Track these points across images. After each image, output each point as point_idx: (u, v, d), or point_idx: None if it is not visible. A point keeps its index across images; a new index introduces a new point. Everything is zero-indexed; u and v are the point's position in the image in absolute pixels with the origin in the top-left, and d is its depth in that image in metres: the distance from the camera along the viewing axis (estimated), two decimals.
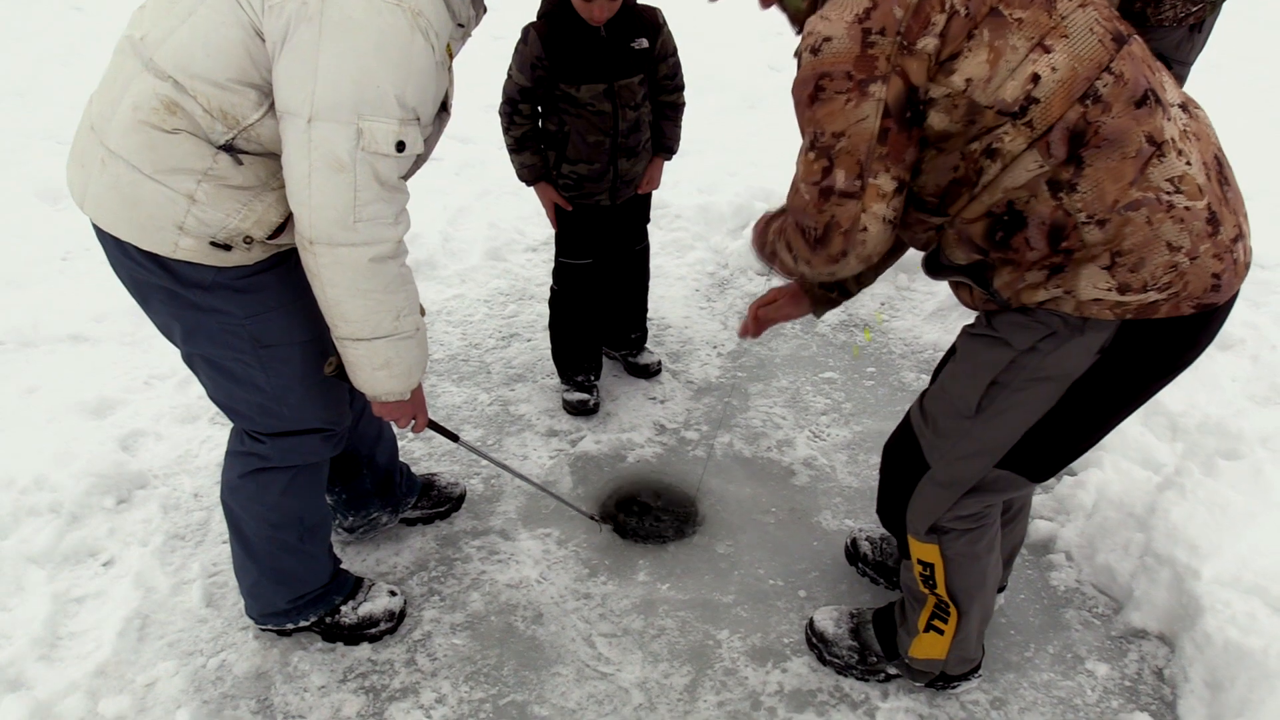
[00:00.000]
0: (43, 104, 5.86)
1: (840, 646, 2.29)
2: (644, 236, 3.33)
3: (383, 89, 1.63)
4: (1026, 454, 1.81)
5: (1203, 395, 3.06)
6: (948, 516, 1.95)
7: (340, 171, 1.65)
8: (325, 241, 1.70)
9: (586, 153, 2.89)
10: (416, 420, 2.13)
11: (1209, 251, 1.54)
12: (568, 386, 3.33)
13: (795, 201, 1.67)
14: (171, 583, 2.53)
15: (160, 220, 1.73)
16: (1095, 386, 1.68)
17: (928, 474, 1.95)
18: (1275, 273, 3.87)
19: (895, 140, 1.55)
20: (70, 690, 2.21)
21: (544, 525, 2.76)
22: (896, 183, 1.58)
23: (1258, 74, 6.50)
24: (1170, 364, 1.71)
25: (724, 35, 7.18)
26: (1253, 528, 2.34)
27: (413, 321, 1.89)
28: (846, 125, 1.54)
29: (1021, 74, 1.48)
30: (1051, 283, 1.59)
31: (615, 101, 2.82)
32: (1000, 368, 1.73)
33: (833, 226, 1.61)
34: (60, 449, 2.88)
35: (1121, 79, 1.50)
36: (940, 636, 2.11)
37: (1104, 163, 1.50)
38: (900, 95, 1.52)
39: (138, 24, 1.74)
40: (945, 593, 2.05)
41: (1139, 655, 2.35)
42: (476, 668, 2.33)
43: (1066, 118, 1.49)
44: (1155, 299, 1.55)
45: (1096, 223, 1.52)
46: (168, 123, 1.67)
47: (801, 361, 3.56)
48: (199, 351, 1.97)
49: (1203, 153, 1.57)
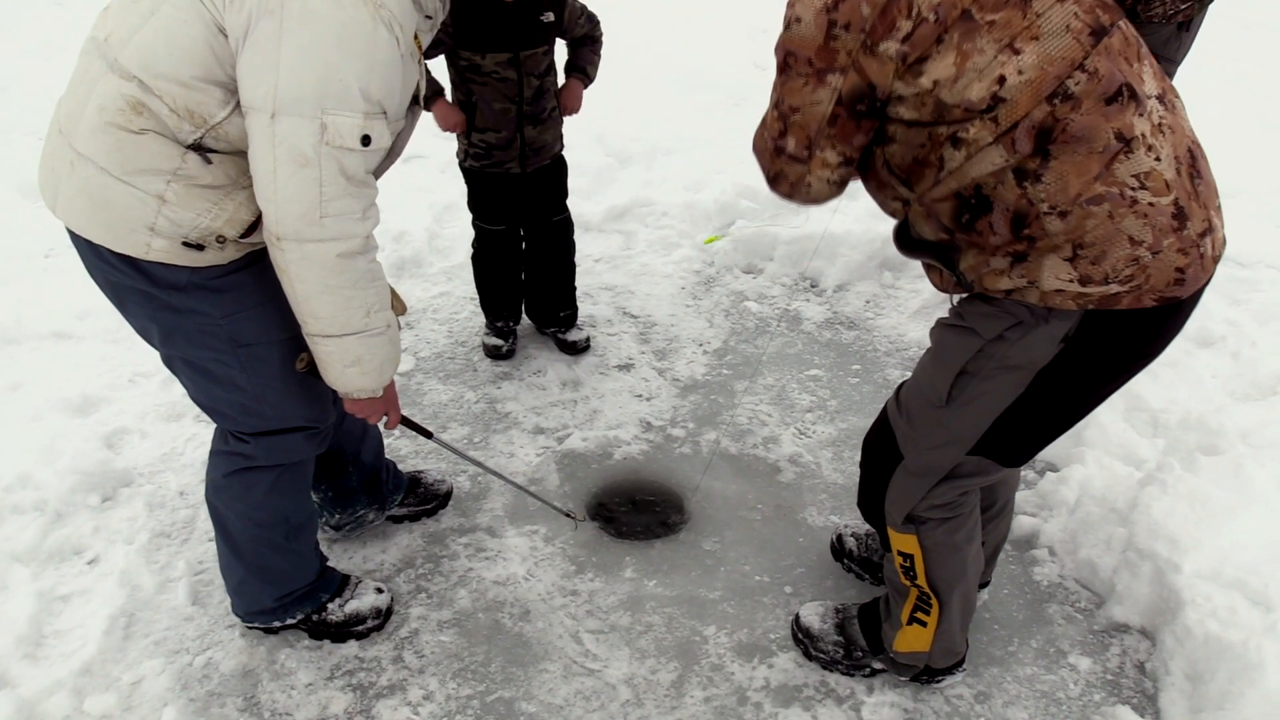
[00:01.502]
0: (24, 99, 5.82)
1: (826, 642, 2.30)
2: (562, 208, 3.42)
3: (346, 82, 1.62)
4: (996, 441, 1.84)
5: (1184, 392, 3.09)
6: (922, 505, 1.98)
7: (305, 166, 1.64)
8: (293, 237, 1.69)
9: (494, 120, 3.02)
10: (389, 416, 2.12)
11: (1173, 246, 1.56)
12: (488, 331, 3.58)
13: (757, 142, 1.80)
14: (157, 581, 2.53)
15: (131, 222, 1.71)
16: (1061, 375, 1.71)
17: (901, 464, 1.98)
18: (1256, 270, 3.91)
19: (844, 126, 1.63)
20: (56, 688, 2.20)
21: (531, 522, 2.77)
22: (842, 158, 1.68)
23: (1243, 73, 6.55)
24: (1135, 355, 1.74)
25: (710, 33, 7.19)
26: (1233, 522, 2.36)
27: (384, 318, 1.88)
28: (802, 103, 1.63)
29: (989, 76, 1.50)
30: (1015, 271, 1.62)
31: (520, 70, 2.95)
32: (969, 356, 1.77)
33: (781, 177, 1.76)
34: (44, 446, 2.87)
35: (1095, 75, 1.51)
36: (923, 629, 2.12)
37: (1070, 157, 1.52)
38: (855, 90, 1.57)
39: (102, 25, 1.73)
40: (926, 584, 2.06)
41: (1121, 649, 2.37)
42: (464, 665, 2.33)
43: (1033, 115, 1.51)
44: (1117, 291, 1.58)
45: (1058, 214, 1.54)
46: (134, 123, 1.65)
47: (787, 359, 3.58)
48: (177, 353, 1.96)
49: (1175, 146, 1.59)
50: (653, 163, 5.15)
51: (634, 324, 3.79)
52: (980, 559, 2.14)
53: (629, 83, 6.26)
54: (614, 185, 4.89)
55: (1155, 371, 3.18)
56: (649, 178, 4.98)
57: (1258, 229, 4.25)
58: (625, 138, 5.31)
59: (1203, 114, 1.75)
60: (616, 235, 4.48)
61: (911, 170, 1.66)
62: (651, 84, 6.34)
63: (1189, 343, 3.37)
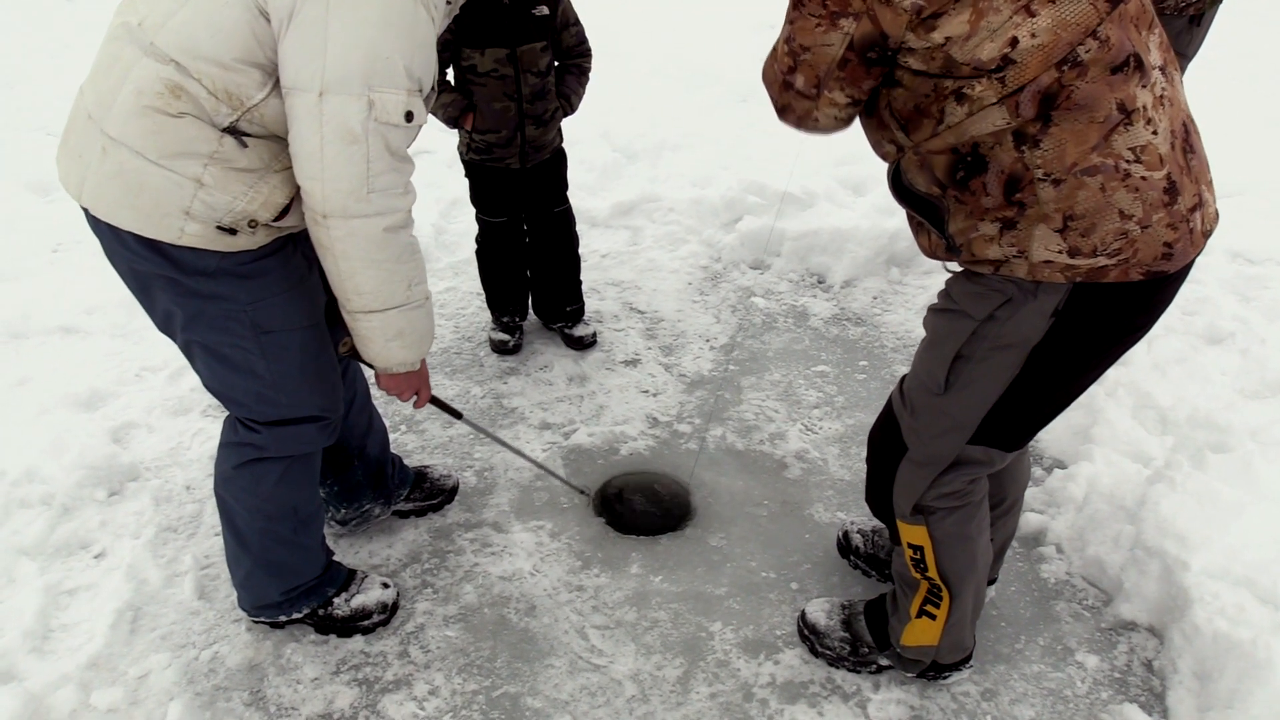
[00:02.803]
0: (32, 96, 5.84)
1: (832, 638, 2.30)
2: (563, 199, 3.42)
3: (392, 59, 1.66)
4: (997, 425, 1.85)
5: (1192, 389, 3.07)
6: (930, 495, 1.97)
7: (353, 143, 1.67)
8: (339, 214, 1.72)
9: (494, 120, 3.05)
10: (420, 394, 2.16)
11: (1162, 221, 1.56)
12: (495, 326, 3.58)
13: (766, 72, 1.78)
14: (164, 575, 2.53)
15: (166, 206, 1.73)
16: (1054, 351, 1.71)
17: (906, 455, 1.98)
18: (1266, 267, 3.89)
19: (854, 70, 1.61)
20: (62, 682, 2.21)
21: (537, 518, 2.76)
22: (850, 99, 1.67)
23: (1254, 70, 6.52)
24: (1124, 328, 1.74)
25: (716, 29, 7.18)
26: (1241, 520, 2.35)
27: (423, 290, 1.93)
28: (813, 44, 1.61)
29: (1001, 36, 1.47)
30: (1005, 239, 1.61)
31: (517, 66, 2.97)
32: (963, 340, 1.77)
33: (788, 109, 1.75)
34: (52, 441, 2.87)
35: (1106, 44, 1.49)
36: (933, 622, 2.12)
37: (1071, 125, 1.51)
38: (867, 36, 1.55)
39: (132, 10, 1.74)
40: (937, 575, 2.06)
41: (1128, 647, 2.37)
42: (469, 660, 2.33)
43: (1040, 80, 1.49)
44: (1105, 264, 1.58)
45: (1052, 181, 1.54)
46: (172, 106, 1.67)
47: (794, 355, 3.57)
48: (198, 339, 1.96)
49: (1172, 120, 1.59)
50: (659, 158, 5.14)
51: (641, 319, 3.79)
52: (989, 551, 2.13)
53: (636, 79, 6.27)
54: (621, 181, 4.89)
55: (1164, 369, 3.17)
56: (655, 173, 4.97)
57: (1267, 226, 4.23)
58: (632, 134, 5.31)
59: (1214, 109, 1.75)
60: (623, 231, 4.47)
61: (911, 118, 1.65)
62: (658, 80, 6.34)
63: (1197, 339, 3.36)
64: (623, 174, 4.98)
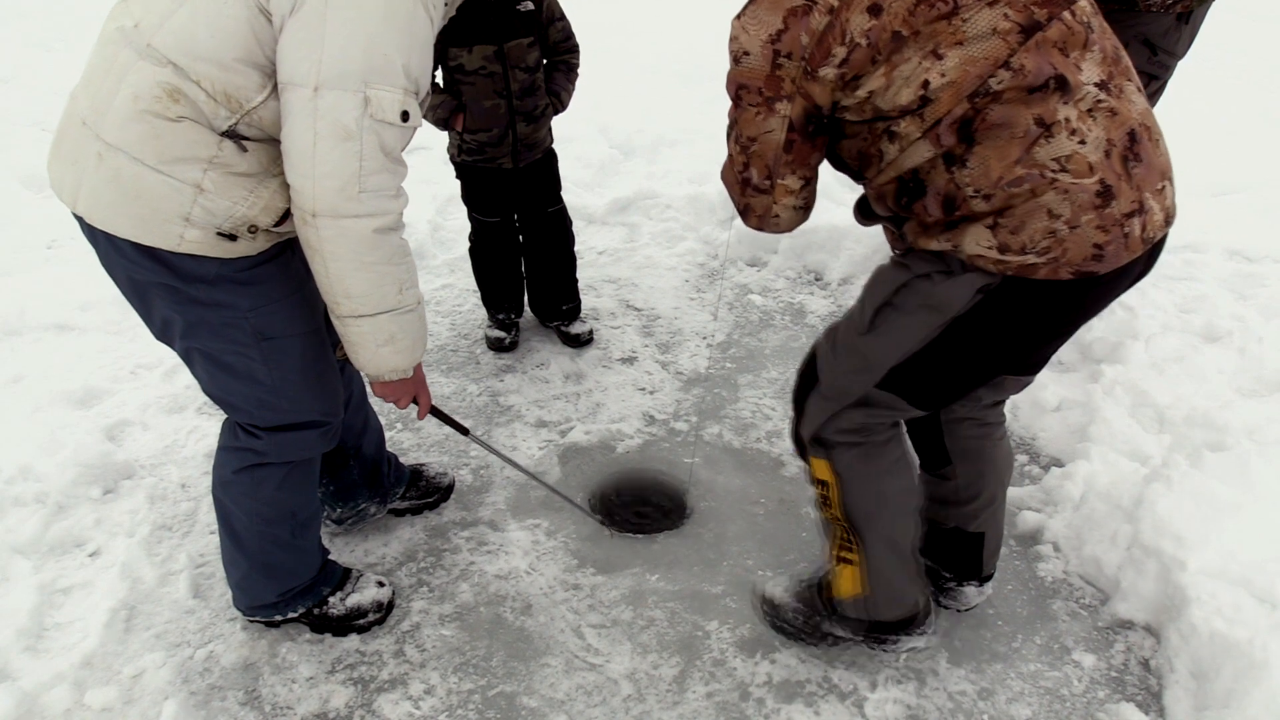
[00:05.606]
0: (27, 91, 5.81)
1: (787, 609, 2.30)
2: (557, 199, 3.42)
3: (390, 57, 1.64)
4: (906, 378, 1.89)
5: (1190, 388, 3.07)
6: (830, 428, 2.01)
7: (347, 140, 1.65)
8: (329, 213, 1.69)
9: (485, 119, 3.04)
10: (419, 402, 2.14)
11: (1092, 222, 1.61)
12: (491, 323, 3.59)
13: (725, 176, 1.93)
14: (158, 573, 2.52)
15: (165, 213, 1.71)
16: (973, 326, 1.77)
17: (816, 387, 2.02)
18: (1262, 265, 3.89)
19: (799, 150, 1.78)
20: (56, 681, 2.20)
21: (533, 516, 2.76)
22: (803, 181, 1.83)
23: (1246, 67, 6.52)
24: (1050, 325, 1.82)
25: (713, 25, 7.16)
26: (1239, 519, 2.35)
27: (414, 295, 1.89)
28: (757, 133, 1.77)
29: (915, 81, 1.61)
30: (944, 236, 1.72)
31: (505, 63, 2.96)
32: (896, 287, 1.84)
33: (749, 210, 1.91)
34: (46, 438, 2.86)
35: (1021, 72, 1.59)
36: (851, 568, 2.12)
37: (992, 142, 1.61)
38: (803, 113, 1.72)
39: (126, 13, 1.71)
40: (842, 514, 2.08)
41: (1125, 646, 2.36)
42: (465, 659, 2.32)
43: (954, 112, 1.61)
44: (1034, 261, 1.64)
45: (983, 197, 1.63)
46: (171, 110, 1.65)
47: (791, 353, 3.56)
48: (198, 346, 1.94)
49: (1109, 130, 1.62)
50: (656, 155, 5.13)
51: (637, 317, 3.79)
52: (907, 498, 2.13)
53: (632, 75, 6.25)
54: (617, 178, 4.88)
55: (1161, 367, 3.17)
56: (652, 170, 4.97)
57: (1263, 224, 4.23)
58: (629, 130, 5.30)
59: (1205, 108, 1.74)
60: (620, 228, 4.47)
61: (860, 160, 1.79)
62: (655, 76, 6.33)
63: (1195, 338, 3.36)
64: (620, 170, 4.97)
